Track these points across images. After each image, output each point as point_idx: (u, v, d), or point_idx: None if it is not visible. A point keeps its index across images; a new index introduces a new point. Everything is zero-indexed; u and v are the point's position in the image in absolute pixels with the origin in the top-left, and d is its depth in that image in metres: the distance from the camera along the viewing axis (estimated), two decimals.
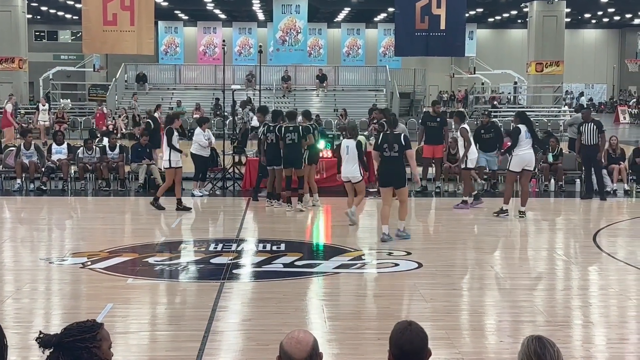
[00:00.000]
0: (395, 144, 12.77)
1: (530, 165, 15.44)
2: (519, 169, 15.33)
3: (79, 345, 3.67)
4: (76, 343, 3.66)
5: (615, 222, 15.35)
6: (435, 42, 26.85)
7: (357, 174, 14.52)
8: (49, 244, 13.41)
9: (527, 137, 15.08)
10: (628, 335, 8.19)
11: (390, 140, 12.83)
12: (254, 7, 48.41)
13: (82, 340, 3.68)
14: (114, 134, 24.88)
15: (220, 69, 35.50)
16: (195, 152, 18.16)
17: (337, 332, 8.14)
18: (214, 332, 8.03)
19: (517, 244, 13.60)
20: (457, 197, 17.64)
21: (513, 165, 15.33)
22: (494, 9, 50.90)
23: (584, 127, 17.90)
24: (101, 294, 9.68)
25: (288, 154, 16.02)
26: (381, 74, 43.58)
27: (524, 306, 9.21)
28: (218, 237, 13.67)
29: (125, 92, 41.56)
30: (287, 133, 15.90)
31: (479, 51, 52.00)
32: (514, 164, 15.31)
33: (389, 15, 48.13)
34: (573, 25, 54.92)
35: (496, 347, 7.81)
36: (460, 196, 17.26)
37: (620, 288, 10.19)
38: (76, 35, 52.34)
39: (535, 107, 40.97)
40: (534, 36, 41.56)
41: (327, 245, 13.02)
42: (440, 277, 10.57)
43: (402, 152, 12.81)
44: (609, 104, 60.32)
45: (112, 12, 26.94)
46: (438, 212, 17.06)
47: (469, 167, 16.70)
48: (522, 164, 15.23)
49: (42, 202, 17.69)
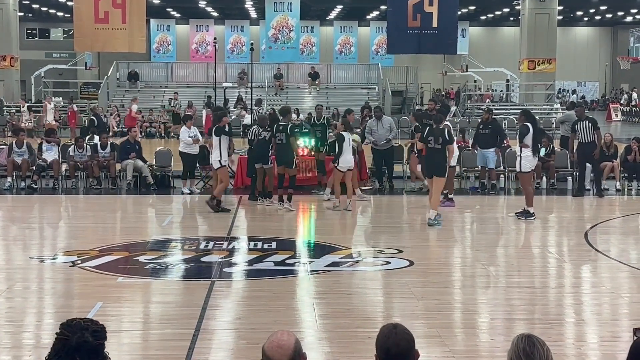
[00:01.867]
0: (440, 137, 14.33)
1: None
2: (531, 169, 15.08)
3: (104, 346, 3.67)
4: (103, 344, 3.66)
5: (607, 219, 15.35)
6: (427, 40, 26.84)
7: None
8: (40, 242, 13.36)
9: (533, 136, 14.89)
10: (620, 333, 8.18)
11: (435, 134, 14.39)
12: (246, 4, 48.37)
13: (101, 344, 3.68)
14: (105, 132, 24.81)
15: (212, 67, 35.45)
16: (182, 150, 18.14)
17: (328, 330, 8.11)
18: (204, 331, 8.00)
19: (509, 241, 13.59)
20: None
21: (525, 166, 14.92)
22: (486, 6, 50.98)
23: (579, 124, 17.84)
24: (91, 292, 9.64)
25: (279, 151, 16.02)
26: (373, 71, 43.57)
27: (516, 304, 9.20)
28: (209, 236, 13.63)
29: (117, 90, 41.48)
30: (277, 132, 15.93)
31: (472, 49, 52.04)
32: (525, 164, 14.90)
33: (381, 13, 48.15)
34: (565, 22, 55.01)
35: (488, 345, 7.80)
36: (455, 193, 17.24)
37: (612, 286, 10.19)
38: (68, 33, 52.18)
39: (527, 105, 40.95)
40: (526, 34, 41.56)
41: (319, 243, 12.98)
42: (431, 275, 10.55)
43: (444, 145, 14.32)
44: (601, 101, 60.42)
45: (104, 9, 26.84)
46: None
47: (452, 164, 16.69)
48: (534, 163, 15.03)
49: (33, 201, 17.62)
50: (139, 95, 39.99)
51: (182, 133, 18.35)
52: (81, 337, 3.55)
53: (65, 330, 3.59)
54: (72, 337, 3.55)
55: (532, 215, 14.79)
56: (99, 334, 3.65)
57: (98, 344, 3.62)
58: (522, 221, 14.66)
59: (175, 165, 19.17)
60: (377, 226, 14.96)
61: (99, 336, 3.64)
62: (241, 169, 18.59)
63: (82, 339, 3.55)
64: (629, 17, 55.72)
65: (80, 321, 3.66)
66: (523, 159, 14.91)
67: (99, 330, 3.66)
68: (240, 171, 18.58)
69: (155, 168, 19.21)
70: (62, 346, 3.56)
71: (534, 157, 15.00)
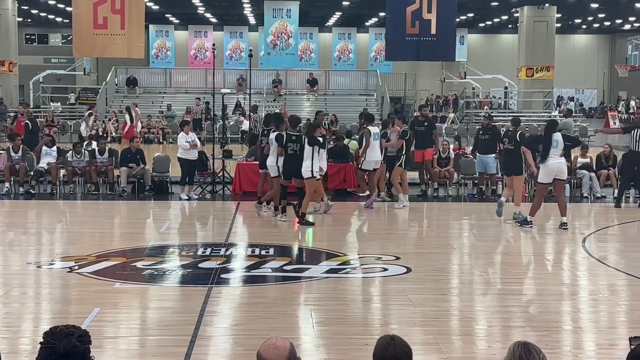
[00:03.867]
0: (513, 139, 15.61)
1: (561, 175, 14.73)
2: (548, 180, 14.70)
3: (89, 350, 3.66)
4: (88, 348, 3.65)
5: (604, 227, 15.36)
6: (426, 47, 26.81)
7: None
8: (37, 248, 13.34)
9: (555, 146, 14.49)
10: (617, 341, 8.17)
11: (510, 136, 15.80)
12: (245, 11, 48.38)
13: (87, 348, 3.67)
14: (103, 137, 24.83)
15: (210, 73, 35.45)
16: (180, 155, 18.16)
17: (325, 337, 8.11)
18: (201, 337, 7.99)
19: (506, 248, 13.59)
20: (447, 202, 17.65)
21: (542, 177, 14.71)
22: (484, 14, 50.98)
23: (635, 132, 17.45)
24: (89, 298, 9.63)
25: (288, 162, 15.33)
26: (372, 78, 43.58)
27: (513, 311, 9.21)
28: (207, 242, 13.63)
29: (116, 96, 41.47)
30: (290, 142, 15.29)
31: (470, 56, 52.05)
32: (542, 176, 14.69)
33: (380, 20, 48.15)
34: (563, 30, 55.02)
35: (485, 352, 7.80)
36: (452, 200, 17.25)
37: (609, 293, 10.19)
38: (67, 38, 52.20)
39: (525, 112, 41.02)
40: (525, 41, 41.63)
41: (316, 249, 12.99)
42: (429, 282, 10.55)
43: (518, 146, 15.41)
44: (600, 109, 60.45)
45: (103, 15, 26.81)
46: (427, 217, 17.07)
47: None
48: (551, 175, 14.60)
49: (31, 206, 17.62)
50: (137, 101, 40.02)
51: (179, 139, 18.38)
52: (69, 343, 3.55)
53: (50, 338, 3.58)
54: (59, 344, 3.55)
55: (528, 224, 14.71)
56: (84, 338, 3.65)
57: (84, 349, 3.62)
58: (519, 228, 14.66)
59: (173, 171, 19.17)
60: (375, 233, 14.96)
61: (85, 340, 3.64)
62: (239, 175, 18.61)
63: (70, 344, 3.55)
64: (627, 25, 55.73)
65: (63, 328, 3.66)
66: (542, 169, 14.68)
67: (83, 335, 3.66)
68: (239, 177, 18.60)
69: (153, 174, 19.21)
70: (50, 354, 3.55)
71: (558, 165, 14.54)
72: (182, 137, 18.21)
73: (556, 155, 14.54)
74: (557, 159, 14.56)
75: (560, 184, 14.90)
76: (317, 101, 41.36)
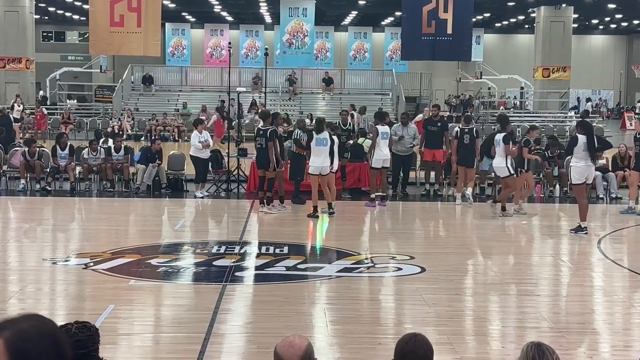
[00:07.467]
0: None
1: (589, 179, 14.50)
2: (582, 181, 14.27)
3: (94, 355, 3.64)
4: (91, 354, 3.63)
5: (619, 228, 15.30)
6: (441, 47, 26.80)
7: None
8: (53, 244, 13.41)
9: (585, 149, 14.05)
10: (632, 343, 8.15)
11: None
12: (261, 9, 48.44)
13: (95, 350, 3.64)
14: (119, 135, 24.89)
15: (226, 71, 35.48)
16: (193, 154, 18.22)
17: (339, 336, 8.11)
18: (215, 335, 8.01)
19: (521, 249, 13.55)
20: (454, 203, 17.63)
21: (575, 177, 14.26)
22: (501, 13, 50.84)
23: None
24: (104, 295, 9.68)
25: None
26: (387, 77, 43.51)
27: (528, 312, 9.17)
28: (221, 240, 13.66)
29: (132, 94, 41.60)
30: (257, 136, 16.33)
31: (486, 56, 51.93)
32: (575, 176, 14.22)
33: (395, 19, 48.10)
34: (580, 30, 54.81)
35: (499, 353, 7.78)
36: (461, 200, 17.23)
37: (624, 295, 10.15)
38: (83, 36, 52.36)
39: (541, 113, 40.90)
40: (541, 41, 41.50)
41: (331, 248, 13.00)
42: (443, 282, 10.54)
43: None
44: (616, 109, 60.18)
45: (119, 13, 26.95)
46: (441, 216, 17.04)
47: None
48: (583, 176, 14.23)
49: (47, 203, 17.70)
50: (153, 99, 40.13)
51: (192, 137, 18.42)
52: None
53: None
54: None
55: (583, 230, 14.08)
56: (81, 343, 3.62)
57: (83, 354, 3.60)
58: (535, 229, 14.61)
59: (188, 169, 19.22)
60: (389, 232, 14.96)
61: (80, 346, 3.61)
62: (254, 173, 18.61)
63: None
64: None
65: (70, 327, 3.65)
66: (572, 170, 14.30)
67: (82, 339, 3.63)
68: (253, 176, 18.60)
69: (168, 172, 19.26)
70: None
71: (587, 168, 14.17)
72: (195, 136, 18.26)
73: (586, 158, 14.10)
74: (585, 162, 14.14)
75: (585, 187, 14.61)
76: (332, 100, 41.35)
